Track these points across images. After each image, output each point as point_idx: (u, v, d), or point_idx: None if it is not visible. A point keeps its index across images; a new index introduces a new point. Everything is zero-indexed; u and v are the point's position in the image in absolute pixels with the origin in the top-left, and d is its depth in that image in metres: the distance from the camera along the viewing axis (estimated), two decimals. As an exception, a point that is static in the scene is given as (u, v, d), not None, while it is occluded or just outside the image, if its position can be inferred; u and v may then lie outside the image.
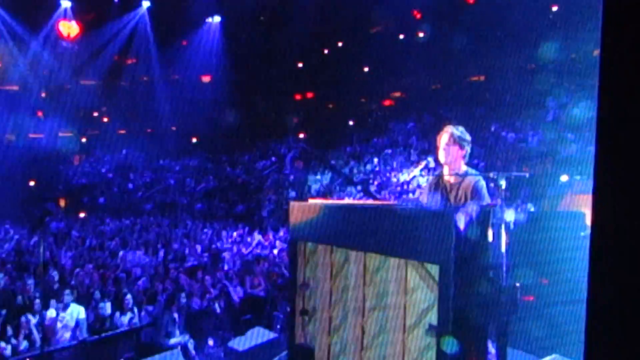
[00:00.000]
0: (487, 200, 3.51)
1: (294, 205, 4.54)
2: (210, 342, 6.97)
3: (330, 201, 4.61)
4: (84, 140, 22.07)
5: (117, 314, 7.12)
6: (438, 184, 3.79)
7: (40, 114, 20.55)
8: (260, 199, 19.48)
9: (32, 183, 19.08)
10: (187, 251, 11.90)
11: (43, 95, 20.35)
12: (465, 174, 3.66)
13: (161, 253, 12.09)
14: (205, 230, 14.60)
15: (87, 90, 20.67)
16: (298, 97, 24.91)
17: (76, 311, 6.74)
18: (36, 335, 6.43)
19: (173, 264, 11.11)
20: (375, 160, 18.74)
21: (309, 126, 23.09)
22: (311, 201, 4.37)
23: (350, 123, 22.13)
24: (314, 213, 4.23)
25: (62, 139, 20.69)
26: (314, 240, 4.31)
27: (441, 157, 3.69)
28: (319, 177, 20.13)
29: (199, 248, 12.17)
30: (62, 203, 18.51)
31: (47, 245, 11.88)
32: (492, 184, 3.57)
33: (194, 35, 22.36)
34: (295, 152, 20.52)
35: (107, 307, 7.04)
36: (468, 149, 3.68)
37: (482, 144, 12.41)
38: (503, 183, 3.17)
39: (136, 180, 19.93)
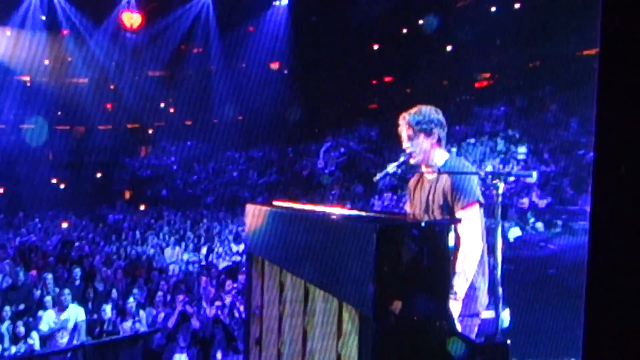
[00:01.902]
0: (473, 198, 2.70)
1: (250, 209, 3.98)
2: (219, 355, 6.63)
3: (288, 205, 3.97)
4: (150, 131, 23.06)
5: (119, 319, 7.05)
6: (418, 186, 3.03)
7: (108, 106, 21.77)
8: (324, 194, 19.10)
9: (98, 175, 20.30)
10: (229, 249, 11.78)
11: (111, 87, 21.53)
12: (443, 167, 2.86)
13: (204, 250, 12.11)
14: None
15: (153, 81, 21.50)
16: (374, 82, 24.09)
17: (75, 313, 6.75)
18: (35, 337, 6.52)
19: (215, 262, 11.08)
20: (454, 150, 17.61)
21: (386, 113, 22.26)
22: (258, 206, 3.76)
23: None
24: (261, 220, 3.68)
25: (129, 131, 21.76)
26: (262, 255, 3.78)
27: (412, 160, 2.95)
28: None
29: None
30: (126, 195, 19.48)
31: (93, 238, 12.43)
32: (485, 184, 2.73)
33: (260, 20, 22.35)
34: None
35: (108, 310, 7.00)
36: (439, 131, 2.91)
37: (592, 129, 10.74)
38: (501, 186, 2.40)
39: (200, 173, 20.41)
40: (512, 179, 2.71)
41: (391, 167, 2.86)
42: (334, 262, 2.34)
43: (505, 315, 2.75)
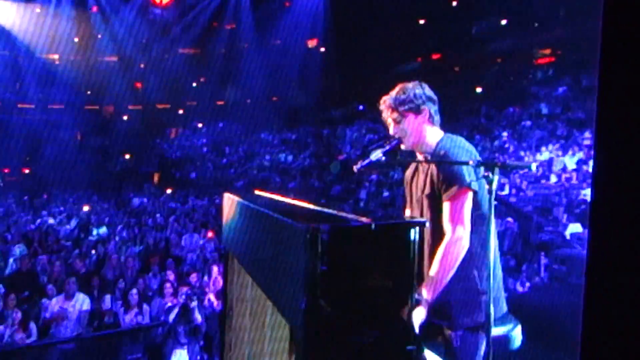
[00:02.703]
0: (462, 185, 2.31)
1: (225, 198, 3.70)
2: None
3: (263, 196, 3.62)
4: (181, 112, 23.17)
5: (122, 310, 6.90)
6: (414, 177, 2.62)
7: (138, 85, 21.98)
8: (361, 179, 18.71)
9: (127, 156, 20.58)
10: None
11: (141, 65, 21.71)
12: (437, 149, 2.47)
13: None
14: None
15: (184, 59, 21.53)
16: (419, 59, 23.34)
17: (80, 302, 6.64)
18: (32, 325, 6.45)
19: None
20: (505, 134, 16.81)
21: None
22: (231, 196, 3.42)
23: (479, 90, 20.08)
24: (231, 212, 3.42)
25: (159, 111, 21.93)
26: (230, 249, 3.57)
27: (402, 146, 2.55)
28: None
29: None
30: (155, 178, 19.66)
31: (112, 222, 12.49)
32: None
33: (297, -6, 22.00)
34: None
35: (107, 301, 6.86)
36: (430, 106, 2.53)
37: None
38: (495, 179, 2.07)
39: (231, 155, 20.33)
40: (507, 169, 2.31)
41: (375, 154, 2.45)
42: (272, 265, 2.17)
43: (517, 334, 2.44)
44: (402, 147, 2.53)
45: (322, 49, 23.99)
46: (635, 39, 1.14)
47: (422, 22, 22.30)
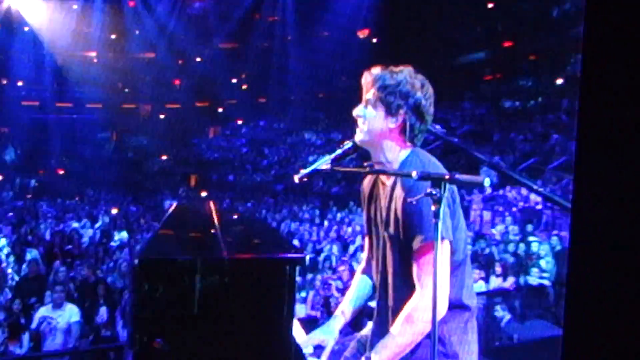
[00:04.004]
0: (431, 237, 1.89)
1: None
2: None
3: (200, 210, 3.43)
4: (220, 110, 23.48)
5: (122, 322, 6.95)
6: (373, 191, 2.21)
7: (176, 82, 22.44)
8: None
9: (164, 157, 21.07)
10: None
11: (179, 62, 22.17)
12: (400, 170, 2.04)
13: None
14: (330, 218, 14.05)
15: (224, 55, 21.75)
16: (487, 48, 22.48)
17: (68, 313, 6.72)
18: (25, 335, 6.62)
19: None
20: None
21: (503, 85, 20.78)
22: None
23: (559, 82, 18.93)
24: None
25: (198, 109, 22.31)
26: None
27: (358, 131, 2.13)
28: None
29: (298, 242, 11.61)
30: (192, 180, 20.01)
31: (137, 227, 12.76)
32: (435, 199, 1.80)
33: (346, -18, 21.73)
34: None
35: (103, 313, 6.91)
36: (410, 116, 2.06)
37: None
38: (446, 195, 1.76)
39: (271, 156, 20.39)
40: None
41: (323, 161, 2.14)
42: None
43: None
44: (356, 138, 2.12)
45: (374, 40, 23.61)
46: (617, 39, 1.20)
47: (490, 5, 21.44)
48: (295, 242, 11.16)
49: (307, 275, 8.76)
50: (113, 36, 21.49)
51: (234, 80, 23.56)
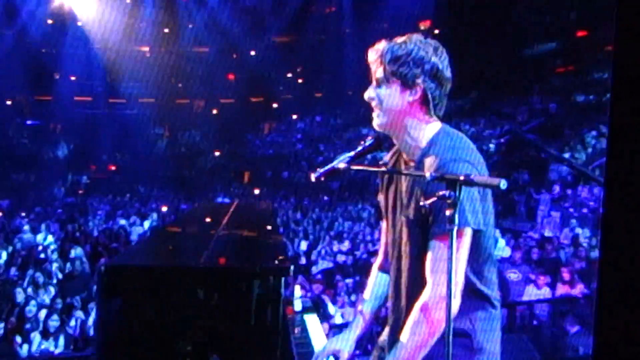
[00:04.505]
0: (462, 224, 1.78)
1: None
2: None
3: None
4: (275, 105, 23.35)
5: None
6: (392, 180, 2.08)
7: (231, 77, 22.47)
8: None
9: (217, 153, 21.12)
10: (334, 247, 11.10)
11: (234, 56, 22.18)
12: (427, 150, 1.93)
13: (303, 245, 11.63)
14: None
15: (279, 48, 21.59)
16: (558, 38, 21.42)
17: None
18: (36, 339, 6.52)
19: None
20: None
21: (575, 78, 19.80)
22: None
23: None
24: None
25: (252, 104, 22.26)
26: None
27: (374, 116, 2.02)
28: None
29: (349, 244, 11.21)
30: (246, 177, 19.95)
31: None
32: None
33: (407, -30, 21.20)
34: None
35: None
36: (428, 84, 1.92)
37: None
38: (503, 184, 1.62)
39: (327, 152, 20.09)
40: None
41: (342, 159, 2.03)
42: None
43: None
44: (374, 123, 2.01)
45: (436, 31, 22.92)
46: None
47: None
48: (346, 244, 10.82)
49: (357, 277, 8.39)
50: (166, 30, 21.76)
51: (289, 75, 23.41)
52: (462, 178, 1.62)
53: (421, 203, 1.79)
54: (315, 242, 11.59)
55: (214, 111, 22.93)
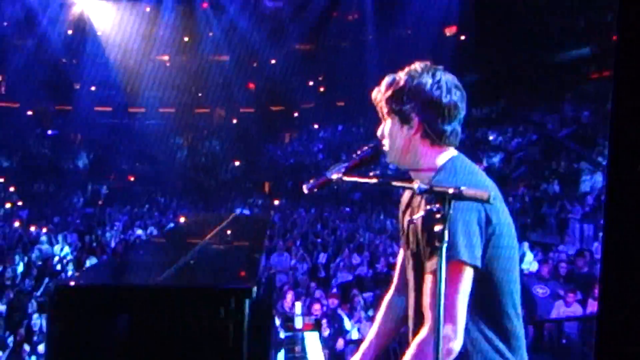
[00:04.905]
0: (454, 256, 1.74)
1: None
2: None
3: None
4: (296, 114, 23.28)
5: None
6: (413, 195, 2.02)
7: (251, 86, 22.48)
8: (503, 193, 17.26)
9: (237, 163, 21.10)
10: (354, 259, 10.93)
11: (254, 64, 22.20)
12: (435, 180, 1.89)
13: (322, 258, 11.46)
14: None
15: (300, 56, 21.53)
16: (592, 43, 20.89)
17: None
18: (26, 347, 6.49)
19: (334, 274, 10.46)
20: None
21: (610, 84, 19.23)
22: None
23: None
24: None
25: (273, 113, 22.21)
26: None
27: (387, 153, 2.07)
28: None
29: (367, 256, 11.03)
30: (266, 187, 19.87)
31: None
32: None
33: (430, -25, 21.02)
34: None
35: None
36: (427, 120, 1.94)
37: None
38: (492, 197, 1.60)
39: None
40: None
41: (336, 169, 1.99)
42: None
43: None
44: (388, 159, 2.05)
45: (462, 37, 22.71)
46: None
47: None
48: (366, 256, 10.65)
49: (377, 291, 8.20)
50: (185, 39, 21.91)
51: (311, 83, 23.35)
52: (450, 191, 1.55)
53: (408, 218, 1.79)
54: (335, 255, 11.42)
55: (234, 120, 22.97)
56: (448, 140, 1.92)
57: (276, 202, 17.56)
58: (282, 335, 3.40)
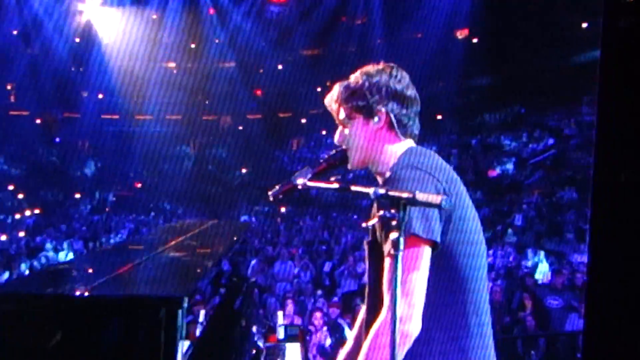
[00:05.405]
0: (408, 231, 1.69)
1: None
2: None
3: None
4: (303, 121, 23.14)
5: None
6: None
7: (258, 92, 22.42)
8: (515, 200, 16.99)
9: (244, 170, 21.03)
10: (358, 268, 10.72)
11: (260, 71, 22.15)
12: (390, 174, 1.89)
13: (327, 266, 11.28)
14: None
15: (307, 62, 21.44)
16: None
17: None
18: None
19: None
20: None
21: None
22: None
23: None
24: None
25: (280, 120, 22.10)
26: None
27: (349, 158, 2.12)
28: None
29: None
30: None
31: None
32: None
33: (439, -23, 20.83)
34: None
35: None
36: (393, 109, 1.96)
37: None
38: (445, 203, 1.57)
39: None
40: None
41: (301, 175, 2.02)
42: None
43: None
44: (349, 165, 2.10)
45: (475, 40, 22.47)
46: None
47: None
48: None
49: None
50: (192, 46, 21.97)
51: (318, 89, 23.21)
52: (405, 195, 1.53)
53: (364, 225, 1.81)
54: (340, 263, 11.24)
55: (241, 127, 22.94)
56: (411, 130, 1.96)
57: (283, 210, 17.42)
58: (260, 344, 3.34)
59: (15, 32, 19.81)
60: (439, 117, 21.77)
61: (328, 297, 9.29)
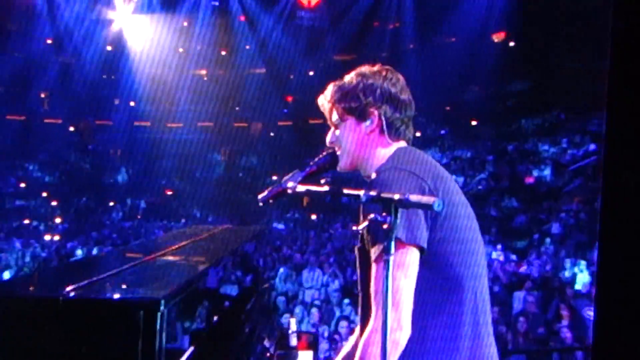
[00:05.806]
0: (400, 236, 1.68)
1: None
2: None
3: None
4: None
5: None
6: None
7: (289, 99, 22.45)
8: (554, 208, 16.56)
9: (274, 177, 20.97)
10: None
11: (291, 77, 22.17)
12: (376, 179, 1.90)
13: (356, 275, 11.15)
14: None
15: (339, 67, 21.30)
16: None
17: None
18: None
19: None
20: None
21: None
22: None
23: None
24: None
25: (311, 127, 22.00)
26: None
27: (339, 161, 2.12)
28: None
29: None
30: (304, 201, 19.65)
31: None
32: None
33: (474, -20, 20.56)
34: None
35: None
36: (386, 111, 1.96)
37: None
38: (437, 205, 1.54)
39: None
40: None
41: (291, 179, 2.01)
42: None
43: None
44: (339, 167, 2.11)
45: (512, 44, 22.08)
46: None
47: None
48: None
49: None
50: (223, 53, 22.13)
51: (350, 95, 23.17)
52: (397, 197, 1.51)
53: (354, 228, 1.76)
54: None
55: (272, 134, 23.01)
56: (404, 134, 1.97)
57: (313, 217, 17.34)
58: (272, 351, 3.32)
59: (49, 41, 20.34)
60: (474, 122, 21.47)
61: (355, 307, 9.20)
